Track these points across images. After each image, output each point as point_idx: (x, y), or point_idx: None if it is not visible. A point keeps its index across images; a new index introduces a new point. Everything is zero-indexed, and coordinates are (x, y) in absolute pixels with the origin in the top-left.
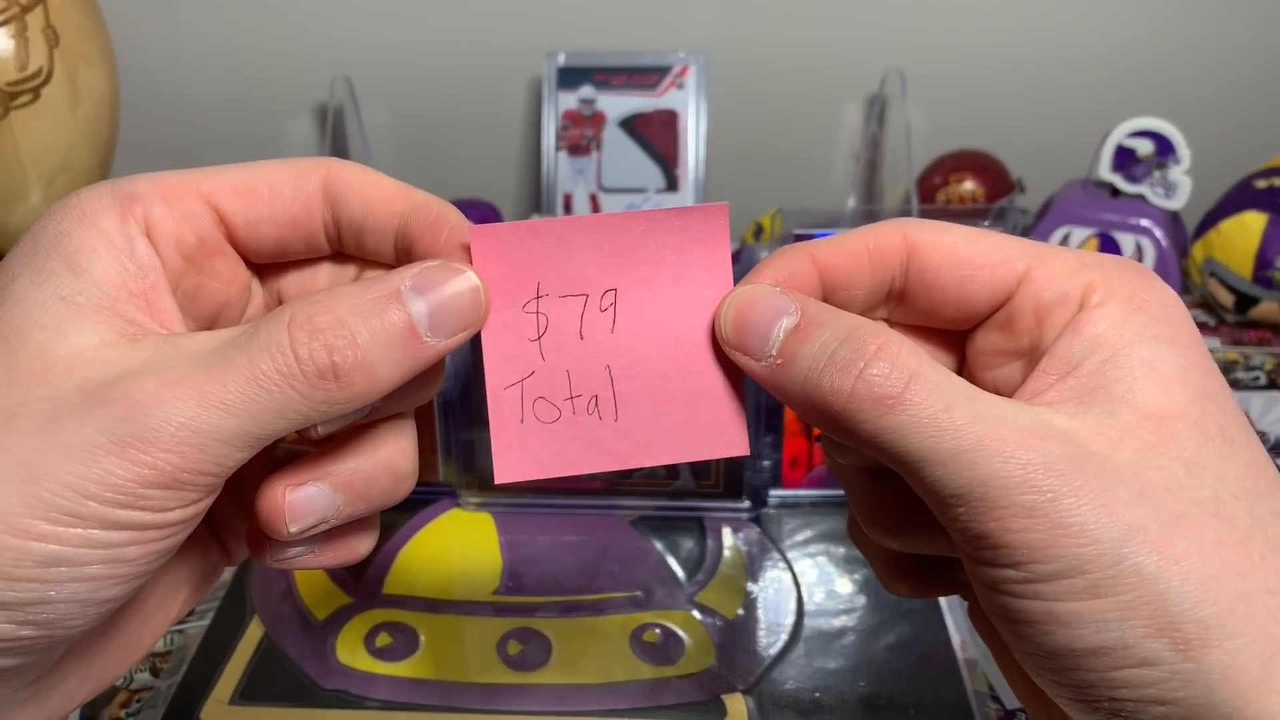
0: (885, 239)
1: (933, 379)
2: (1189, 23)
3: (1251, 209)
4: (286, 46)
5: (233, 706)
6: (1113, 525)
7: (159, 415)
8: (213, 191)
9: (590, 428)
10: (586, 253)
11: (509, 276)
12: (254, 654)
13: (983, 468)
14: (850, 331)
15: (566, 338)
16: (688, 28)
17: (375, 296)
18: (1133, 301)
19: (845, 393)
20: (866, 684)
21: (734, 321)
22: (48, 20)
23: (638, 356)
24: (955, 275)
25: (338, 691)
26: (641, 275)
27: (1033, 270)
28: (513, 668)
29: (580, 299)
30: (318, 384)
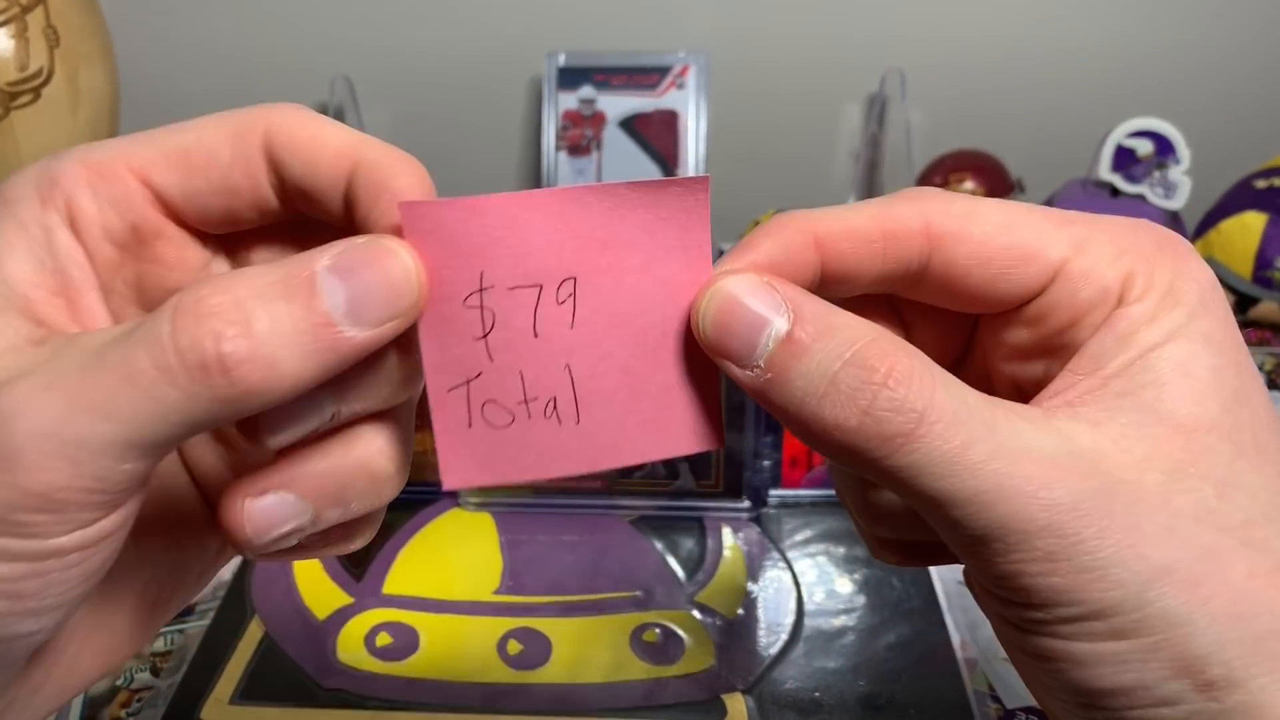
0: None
1: (949, 408)
2: (1188, 23)
3: (1251, 209)
4: (287, 46)
5: (233, 706)
6: (1139, 568)
7: (20, 427)
8: (144, 165)
9: (549, 432)
10: (540, 235)
11: (449, 263)
12: (254, 653)
13: (1003, 509)
14: (854, 349)
15: (518, 334)
16: (688, 28)
17: (283, 277)
18: (1171, 294)
19: (850, 428)
20: (866, 684)
21: (714, 322)
22: (48, 20)
23: (602, 353)
24: (985, 273)
25: (338, 691)
26: (605, 260)
27: (1070, 263)
28: (513, 667)
29: (533, 290)
30: (201, 380)
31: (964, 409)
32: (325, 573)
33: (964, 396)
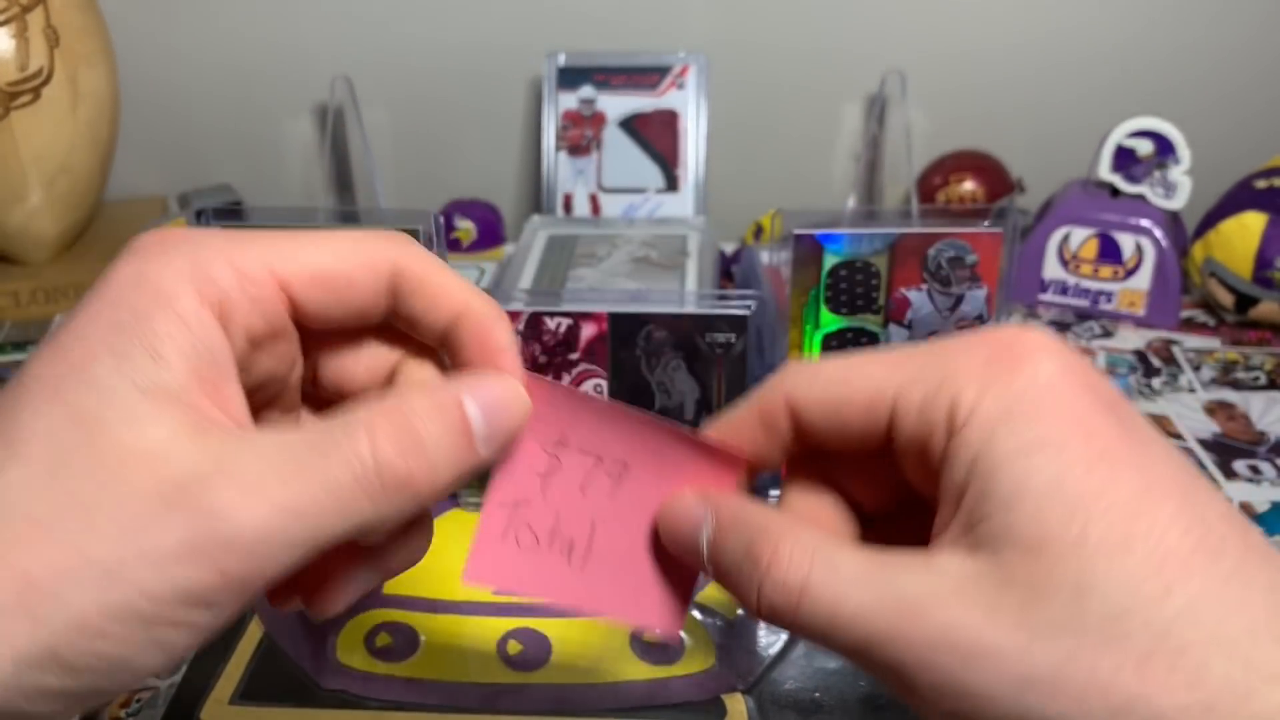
0: (770, 401)
1: (825, 575)
2: (1189, 23)
3: (1251, 209)
4: (287, 46)
5: (233, 706)
6: (1005, 684)
7: (236, 523)
8: (288, 279)
9: (558, 567)
10: (615, 429)
11: (543, 416)
12: (254, 654)
13: (883, 655)
14: (747, 544)
15: (570, 485)
16: (688, 28)
17: (441, 402)
18: (999, 407)
19: (753, 607)
20: (866, 684)
21: (667, 529)
22: (48, 20)
23: (622, 525)
24: (836, 424)
25: (338, 691)
26: (652, 465)
27: (899, 401)
28: (513, 667)
29: (594, 459)
30: (392, 493)
31: (837, 573)
32: None
33: (839, 562)
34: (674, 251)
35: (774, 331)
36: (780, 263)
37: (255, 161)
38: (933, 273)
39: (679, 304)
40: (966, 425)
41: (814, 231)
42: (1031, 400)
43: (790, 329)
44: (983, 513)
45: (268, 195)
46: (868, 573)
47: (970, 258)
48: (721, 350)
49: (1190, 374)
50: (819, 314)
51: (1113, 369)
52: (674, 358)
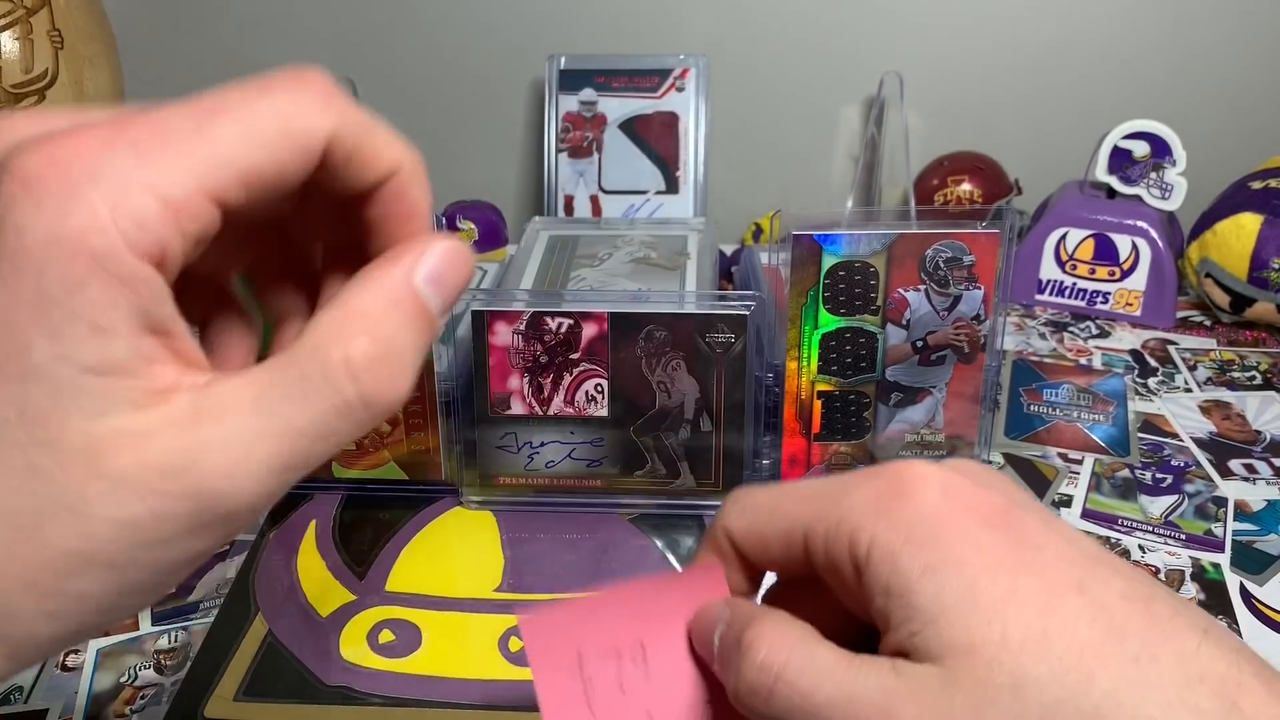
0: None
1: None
2: (1185, 26)
3: (1247, 210)
4: (288, 48)
5: (237, 703)
6: None
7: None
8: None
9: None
10: (616, 619)
11: (555, 646)
12: (258, 650)
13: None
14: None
15: (609, 692)
16: (688, 31)
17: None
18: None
19: (735, 689)
20: None
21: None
22: (53, 23)
23: (673, 697)
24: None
25: (341, 688)
26: (665, 626)
27: (808, 537)
28: (514, 664)
29: (614, 659)
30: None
31: (813, 663)
32: (328, 570)
33: (814, 653)
34: (674, 252)
35: (773, 331)
36: (779, 263)
37: None
38: (930, 273)
39: (679, 304)
40: (869, 558)
41: (813, 232)
42: (922, 527)
43: (789, 329)
44: (911, 629)
45: None
46: (839, 668)
47: (967, 258)
48: (721, 350)
49: (1186, 374)
50: (818, 314)
51: (1109, 369)
52: (674, 358)
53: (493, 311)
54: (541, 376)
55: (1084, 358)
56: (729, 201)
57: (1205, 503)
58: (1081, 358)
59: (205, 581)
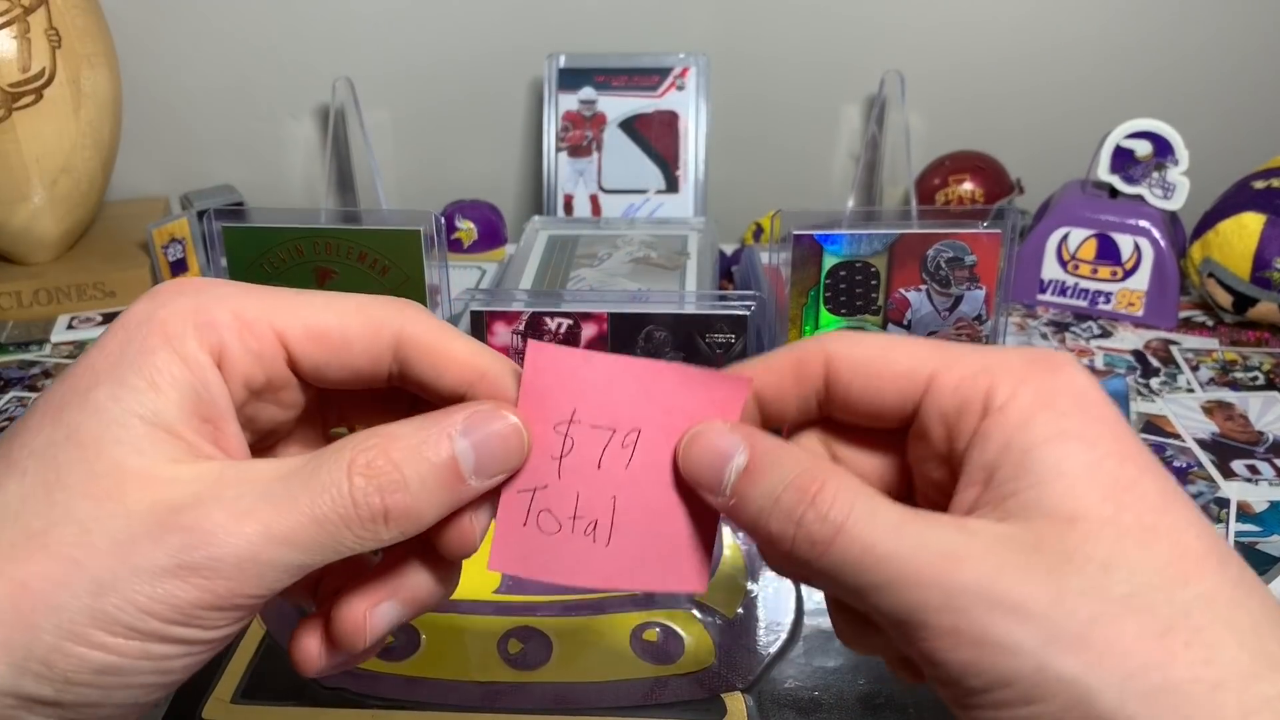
0: (809, 354)
1: (864, 516)
2: (1187, 24)
3: (1249, 210)
4: (288, 47)
5: (235, 705)
6: (1029, 636)
7: (225, 546)
8: (286, 331)
9: (583, 548)
10: (625, 392)
11: (551, 394)
12: (256, 652)
13: (907, 596)
14: (793, 475)
15: (585, 463)
16: (688, 29)
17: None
18: (1037, 399)
19: (789, 537)
20: (866, 683)
21: (691, 459)
22: (50, 22)
23: (641, 494)
24: (867, 387)
25: (339, 690)
26: (664, 422)
27: (936, 378)
28: (513, 666)
29: (608, 432)
30: (369, 526)
31: (876, 516)
32: None
33: (877, 507)
34: (674, 252)
35: (774, 331)
36: (780, 263)
37: (257, 162)
38: (932, 273)
39: (679, 304)
40: (1003, 409)
41: (813, 232)
42: (1067, 399)
43: (790, 329)
44: (1015, 487)
45: (269, 196)
46: (904, 521)
47: (969, 258)
48: (721, 350)
49: (1188, 374)
50: (818, 314)
51: (1111, 369)
52: (674, 358)
53: (492, 312)
54: None
55: (1086, 358)
56: (729, 201)
57: (1208, 504)
58: (1084, 358)
59: None
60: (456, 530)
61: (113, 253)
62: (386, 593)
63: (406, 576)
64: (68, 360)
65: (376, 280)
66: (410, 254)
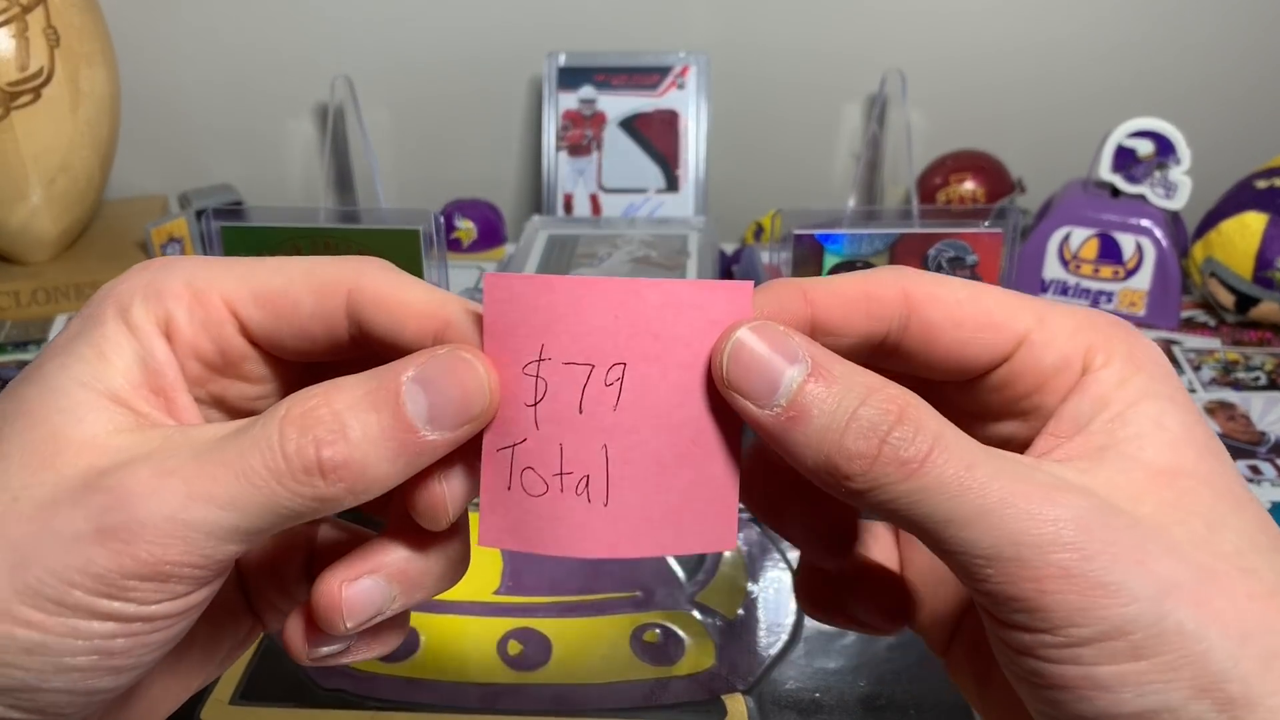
0: (883, 288)
1: (955, 440)
2: (1189, 23)
3: (1252, 209)
4: (287, 46)
5: (233, 706)
6: (1150, 583)
7: (144, 506)
8: (234, 299)
9: (577, 510)
10: (598, 318)
11: (516, 331)
12: (254, 654)
13: (1011, 526)
14: (869, 390)
15: (564, 408)
16: (688, 28)
17: (373, 389)
18: (1132, 361)
19: (870, 456)
20: (866, 684)
21: (737, 360)
22: (48, 20)
23: (638, 439)
24: (955, 336)
25: (337, 691)
26: (653, 351)
27: (1033, 333)
28: (513, 667)
29: (585, 369)
30: (304, 480)
31: (967, 441)
32: None
33: (964, 435)
34: (674, 251)
35: None
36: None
37: (256, 161)
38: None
39: None
40: (1105, 366)
41: (814, 231)
42: (1156, 366)
43: None
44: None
45: (268, 195)
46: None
47: (970, 258)
48: None
49: (1190, 374)
50: None
51: None
52: None
53: None
54: None
55: None
56: (730, 200)
57: None
58: None
59: None
60: (425, 494)
61: (111, 252)
62: (368, 567)
63: (392, 550)
64: None
65: None
66: (409, 253)
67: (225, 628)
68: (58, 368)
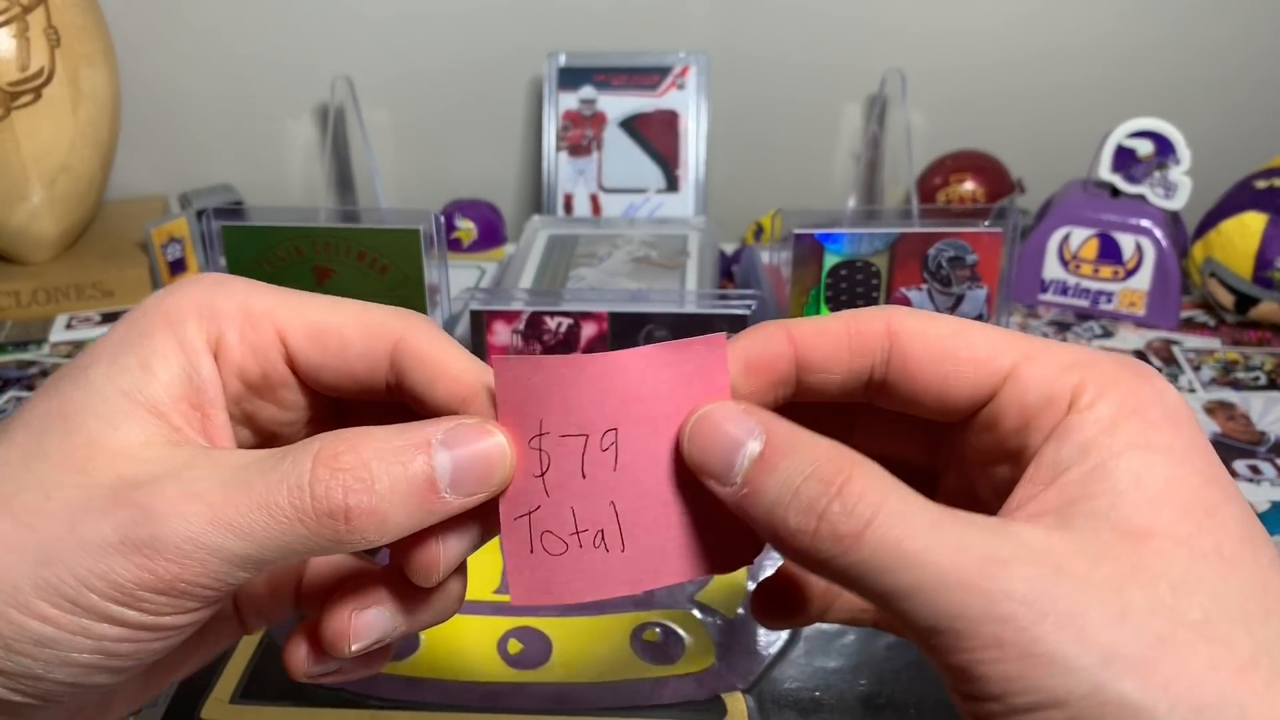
0: (867, 324)
1: (897, 510)
2: (1189, 23)
3: (1251, 209)
4: (287, 47)
5: (233, 705)
6: (1086, 652)
7: (169, 526)
8: (285, 328)
9: (598, 560)
10: (586, 393)
11: (522, 409)
12: (254, 652)
13: (946, 600)
14: (815, 464)
15: (568, 476)
16: (688, 28)
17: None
18: (1126, 404)
19: (809, 531)
20: (866, 683)
21: (697, 445)
22: (49, 20)
23: (641, 490)
24: (938, 370)
25: (338, 690)
26: (641, 413)
27: (1019, 368)
28: (513, 666)
29: (580, 439)
30: (326, 523)
31: (909, 512)
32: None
33: (911, 502)
34: (674, 251)
35: None
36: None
37: (256, 161)
38: (933, 272)
39: (679, 304)
40: (1090, 408)
41: (814, 231)
42: (1158, 411)
43: None
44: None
45: (268, 195)
46: (942, 519)
47: (970, 258)
48: None
49: (1190, 374)
50: (819, 313)
51: None
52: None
53: (491, 311)
54: None
55: None
56: (730, 200)
57: None
58: None
59: None
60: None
61: (111, 252)
62: (375, 599)
63: (399, 584)
64: (66, 360)
65: (375, 280)
66: (410, 253)
67: (213, 630)
68: (103, 375)
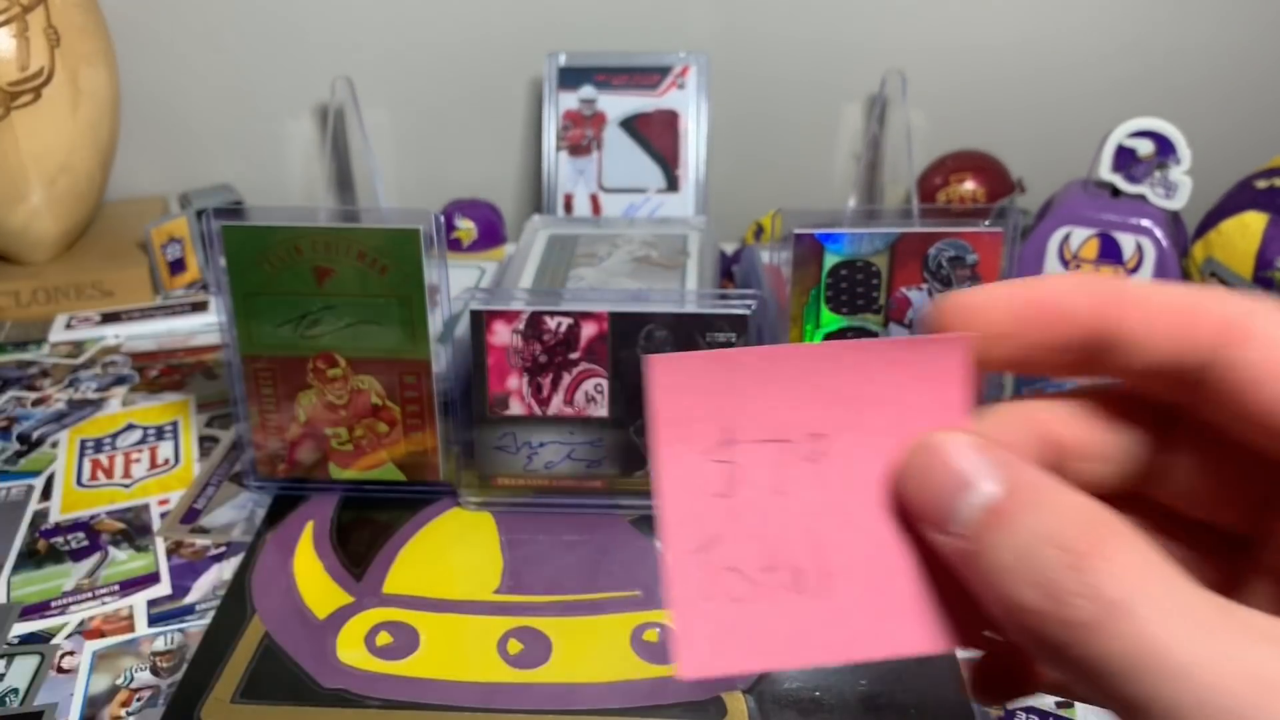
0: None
1: (1157, 602)
2: (1190, 24)
3: (1252, 209)
4: (287, 46)
5: (234, 705)
6: None
7: None
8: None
9: (792, 609)
10: (790, 390)
11: (694, 414)
12: (255, 653)
13: None
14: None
15: (760, 493)
16: (688, 28)
17: None
18: None
19: (1032, 610)
20: (866, 683)
21: (914, 480)
22: (49, 20)
23: (851, 520)
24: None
25: (338, 690)
26: (855, 419)
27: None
28: (513, 666)
29: (779, 445)
30: None
31: (1177, 606)
32: (325, 572)
33: (1173, 587)
34: (674, 251)
35: (774, 331)
36: (781, 262)
37: (256, 161)
38: (933, 272)
39: (679, 304)
40: None
41: (814, 231)
42: None
43: (791, 328)
44: None
45: (268, 195)
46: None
47: (971, 257)
48: None
49: None
50: (819, 313)
51: None
52: None
53: (491, 311)
54: (540, 377)
55: None
56: (730, 200)
57: None
58: None
59: (201, 583)
60: None
61: (111, 252)
62: None
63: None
64: (66, 360)
65: (376, 280)
66: (409, 253)
67: None
68: None
